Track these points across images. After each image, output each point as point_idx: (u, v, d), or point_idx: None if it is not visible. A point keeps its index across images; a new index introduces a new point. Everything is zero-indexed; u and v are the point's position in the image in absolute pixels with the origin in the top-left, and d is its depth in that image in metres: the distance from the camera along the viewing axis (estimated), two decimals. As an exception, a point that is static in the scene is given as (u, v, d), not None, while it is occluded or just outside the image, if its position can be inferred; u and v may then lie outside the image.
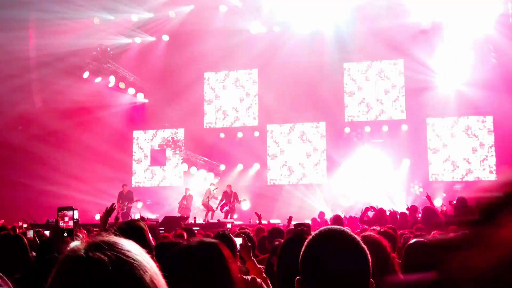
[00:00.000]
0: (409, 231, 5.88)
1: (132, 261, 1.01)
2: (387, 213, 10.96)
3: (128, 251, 1.03)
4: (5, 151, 18.71)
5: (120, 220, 15.51)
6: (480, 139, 18.77)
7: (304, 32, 19.41)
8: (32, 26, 19.06)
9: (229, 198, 16.57)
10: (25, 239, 4.51)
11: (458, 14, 17.54)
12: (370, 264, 1.55)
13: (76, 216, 4.05)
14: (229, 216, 16.30)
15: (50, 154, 18.84)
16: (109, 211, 5.08)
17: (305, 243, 1.62)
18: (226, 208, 16.45)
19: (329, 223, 13.62)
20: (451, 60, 18.07)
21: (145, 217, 15.45)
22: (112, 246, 1.02)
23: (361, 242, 1.57)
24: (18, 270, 3.53)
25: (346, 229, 1.63)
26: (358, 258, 1.54)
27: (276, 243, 4.22)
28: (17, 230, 8.69)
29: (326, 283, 1.50)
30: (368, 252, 1.57)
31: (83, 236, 5.21)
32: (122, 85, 20.40)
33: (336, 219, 7.72)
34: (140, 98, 21.41)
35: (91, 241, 1.03)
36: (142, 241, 3.05)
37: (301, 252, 1.61)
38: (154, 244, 4.10)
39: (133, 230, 3.13)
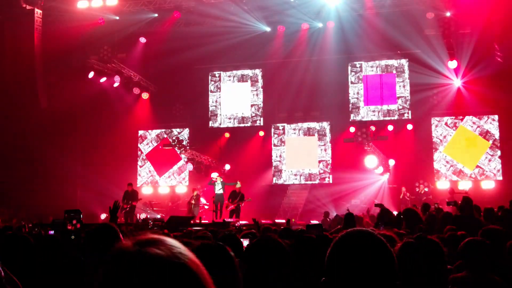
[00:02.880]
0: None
1: (186, 256, 1.00)
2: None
3: (178, 247, 1.01)
4: (11, 151, 18.76)
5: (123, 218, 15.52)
6: (486, 138, 18.67)
7: (308, 30, 19.40)
8: (38, 26, 19.10)
9: (236, 198, 16.52)
10: (31, 239, 4.52)
11: (463, 11, 17.46)
12: (396, 266, 1.56)
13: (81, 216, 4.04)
14: (234, 216, 16.25)
15: (55, 153, 18.88)
16: (114, 210, 5.11)
17: (332, 245, 1.60)
18: (230, 207, 16.43)
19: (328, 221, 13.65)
20: (456, 59, 17.97)
21: (149, 216, 15.49)
22: (162, 243, 1.00)
23: (388, 245, 1.56)
24: (25, 270, 3.54)
25: (372, 231, 1.63)
26: (386, 260, 1.54)
27: None
28: (25, 228, 8.72)
29: (354, 284, 1.50)
30: (394, 254, 1.57)
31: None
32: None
33: (349, 218, 7.63)
34: (145, 98, 21.43)
35: (140, 238, 1.02)
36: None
37: (328, 254, 1.60)
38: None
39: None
